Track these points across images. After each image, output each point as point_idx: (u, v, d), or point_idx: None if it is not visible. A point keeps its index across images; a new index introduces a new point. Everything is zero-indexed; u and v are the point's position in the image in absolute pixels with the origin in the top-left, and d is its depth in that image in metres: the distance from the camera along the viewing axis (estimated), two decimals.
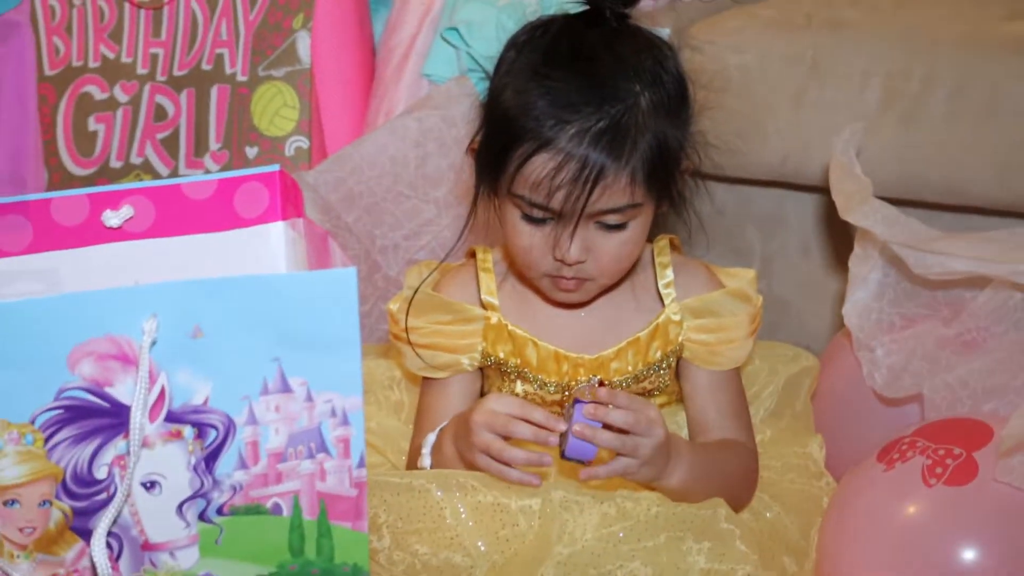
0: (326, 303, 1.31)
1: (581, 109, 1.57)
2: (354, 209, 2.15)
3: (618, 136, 1.57)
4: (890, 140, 2.09)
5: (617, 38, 1.62)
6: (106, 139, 2.44)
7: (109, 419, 1.32)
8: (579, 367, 1.72)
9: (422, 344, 1.74)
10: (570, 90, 1.58)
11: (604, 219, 1.60)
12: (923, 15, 2.24)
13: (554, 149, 1.57)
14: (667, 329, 1.72)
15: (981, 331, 1.78)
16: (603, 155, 1.56)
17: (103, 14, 2.44)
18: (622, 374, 1.72)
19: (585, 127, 1.56)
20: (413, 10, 2.37)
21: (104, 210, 1.48)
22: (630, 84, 1.59)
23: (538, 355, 1.72)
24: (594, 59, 1.60)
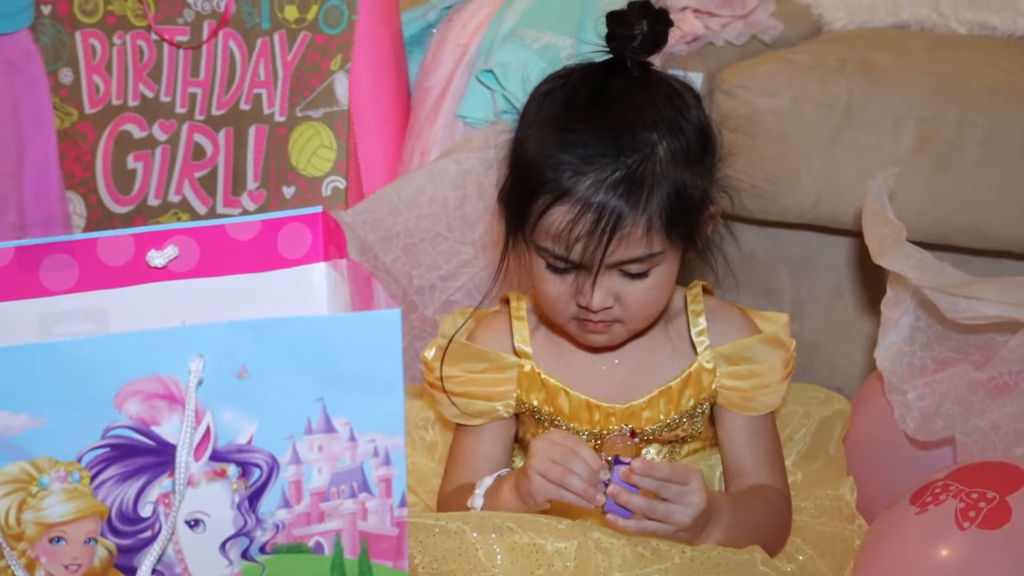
0: (370, 344, 1.32)
1: (597, 160, 1.57)
2: (392, 249, 2.16)
3: (634, 186, 1.57)
4: (923, 185, 2.10)
5: (638, 87, 1.63)
6: (144, 177, 2.45)
7: (155, 458, 1.33)
8: (611, 416, 1.73)
9: (457, 392, 1.75)
10: (587, 141, 1.58)
11: (626, 268, 1.61)
12: (956, 61, 2.25)
13: (571, 200, 1.57)
14: (700, 377, 1.73)
15: (1013, 375, 1.78)
16: (620, 204, 1.57)
17: (142, 54, 2.46)
18: (654, 423, 1.73)
19: (601, 178, 1.57)
20: (449, 52, 2.39)
21: (149, 250, 1.49)
22: (647, 133, 1.59)
23: (570, 404, 1.73)
24: (612, 108, 1.61)
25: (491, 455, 1.76)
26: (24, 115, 2.24)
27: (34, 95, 2.37)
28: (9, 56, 2.19)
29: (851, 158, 2.15)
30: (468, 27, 2.40)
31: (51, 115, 2.35)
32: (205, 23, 2.43)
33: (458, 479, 1.76)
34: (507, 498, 1.64)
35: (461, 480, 1.76)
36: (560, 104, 1.63)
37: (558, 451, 1.58)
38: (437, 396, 1.78)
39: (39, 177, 2.37)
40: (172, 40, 2.44)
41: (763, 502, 1.71)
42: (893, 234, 1.85)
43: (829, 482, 1.84)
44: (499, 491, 1.66)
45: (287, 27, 2.37)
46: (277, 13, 2.38)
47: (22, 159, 2.27)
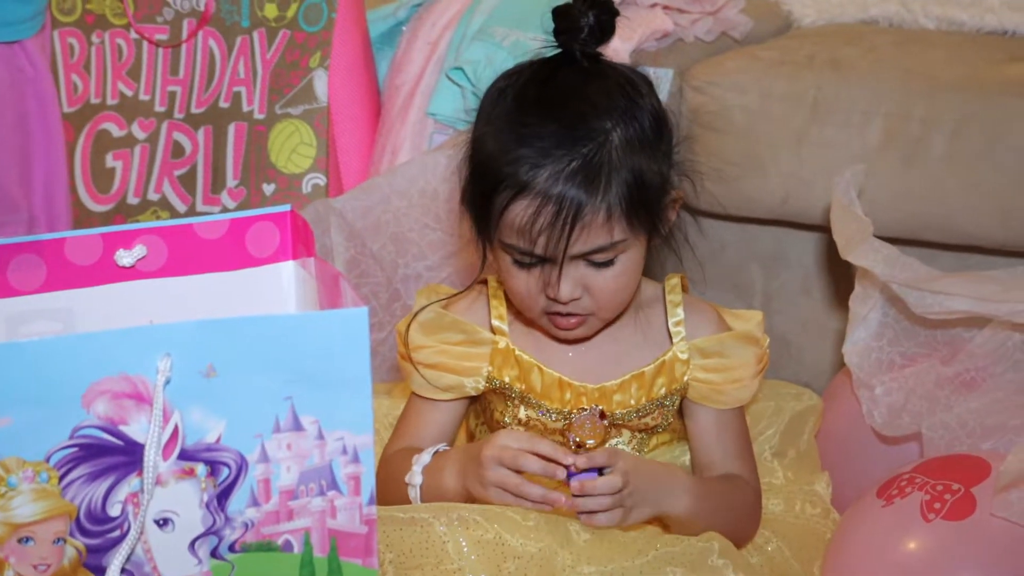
0: (338, 343, 1.32)
1: (553, 152, 1.58)
2: (380, 237, 2.16)
3: (591, 174, 1.58)
4: (890, 180, 2.11)
5: (589, 78, 1.63)
6: (124, 176, 2.45)
7: (123, 457, 1.33)
8: (582, 395, 1.73)
9: (428, 364, 1.75)
10: (543, 134, 1.59)
11: (591, 257, 1.62)
12: (923, 57, 2.26)
13: (531, 194, 1.58)
14: (673, 367, 1.73)
15: (980, 371, 1.79)
16: (578, 193, 1.57)
17: (121, 52, 2.47)
18: (624, 407, 1.73)
19: (558, 169, 1.58)
20: (419, 49, 2.39)
21: (117, 249, 1.49)
22: (601, 122, 1.60)
23: (543, 381, 1.73)
24: (564, 101, 1.62)
25: (443, 426, 1.77)
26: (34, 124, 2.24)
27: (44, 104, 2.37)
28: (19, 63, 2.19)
29: (819, 154, 2.16)
30: (438, 25, 2.40)
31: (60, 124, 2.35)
32: (185, 21, 2.43)
33: (404, 442, 1.76)
34: (449, 484, 1.65)
35: (407, 443, 1.76)
36: (513, 100, 1.64)
37: (509, 456, 1.59)
38: (406, 368, 1.78)
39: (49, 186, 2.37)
40: (151, 38, 2.44)
41: (729, 484, 1.72)
42: (861, 230, 1.86)
43: (803, 477, 1.85)
44: (441, 472, 1.67)
45: (267, 25, 2.38)
46: (257, 11, 2.39)
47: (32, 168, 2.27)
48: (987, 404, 1.77)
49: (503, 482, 1.59)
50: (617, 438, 1.76)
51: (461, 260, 2.19)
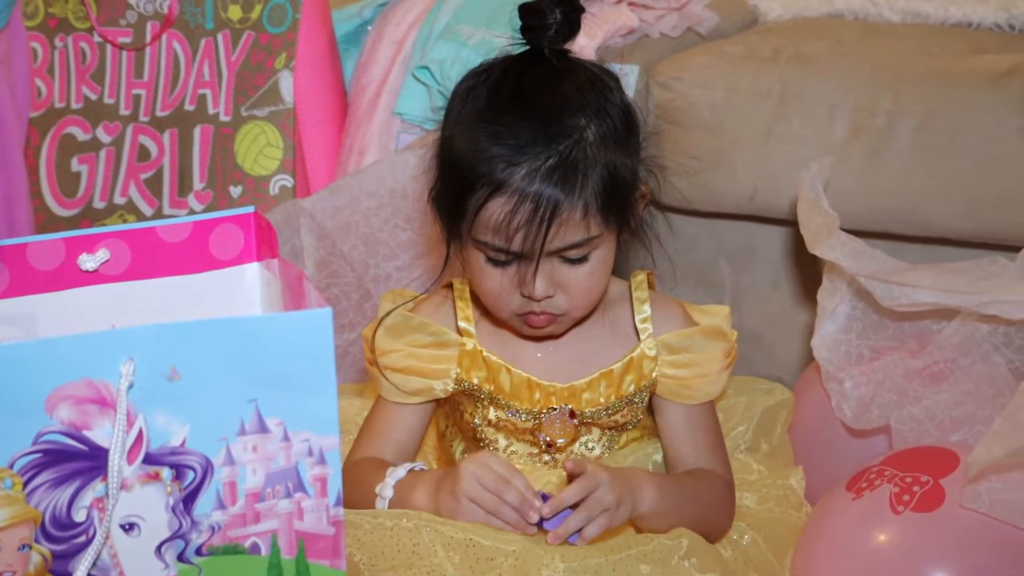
0: (302, 344, 1.32)
1: (529, 149, 1.58)
2: (350, 238, 2.16)
3: (568, 171, 1.58)
4: (857, 173, 2.12)
5: (559, 75, 1.63)
6: (89, 180, 2.45)
7: (87, 462, 1.33)
8: (551, 395, 1.72)
9: (396, 368, 1.75)
10: (517, 131, 1.59)
11: (566, 254, 1.61)
12: (889, 49, 2.27)
13: (507, 192, 1.58)
14: (641, 364, 1.73)
15: (948, 363, 1.80)
16: (556, 191, 1.57)
17: (85, 56, 2.46)
18: (594, 405, 1.73)
19: (535, 166, 1.57)
20: (384, 49, 2.39)
21: (80, 254, 1.49)
22: (575, 119, 1.60)
23: (511, 382, 1.73)
24: (537, 98, 1.61)
25: (411, 429, 1.77)
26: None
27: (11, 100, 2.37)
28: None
29: (786, 148, 2.17)
30: (403, 24, 2.40)
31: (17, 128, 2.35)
32: (148, 24, 2.42)
33: (370, 450, 1.76)
34: (421, 502, 1.64)
35: (373, 451, 1.75)
36: (484, 99, 1.63)
37: (490, 477, 1.58)
38: (373, 373, 1.77)
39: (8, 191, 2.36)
40: (115, 42, 2.44)
41: (697, 479, 1.72)
42: (827, 223, 1.86)
43: (776, 472, 1.85)
44: (413, 490, 1.66)
45: (231, 27, 2.37)
46: (221, 13, 2.38)
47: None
48: (956, 396, 1.77)
49: (479, 498, 1.58)
50: (587, 435, 1.76)
51: (432, 260, 2.19)
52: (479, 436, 1.77)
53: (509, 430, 1.75)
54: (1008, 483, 1.55)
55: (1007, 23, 2.44)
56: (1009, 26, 2.45)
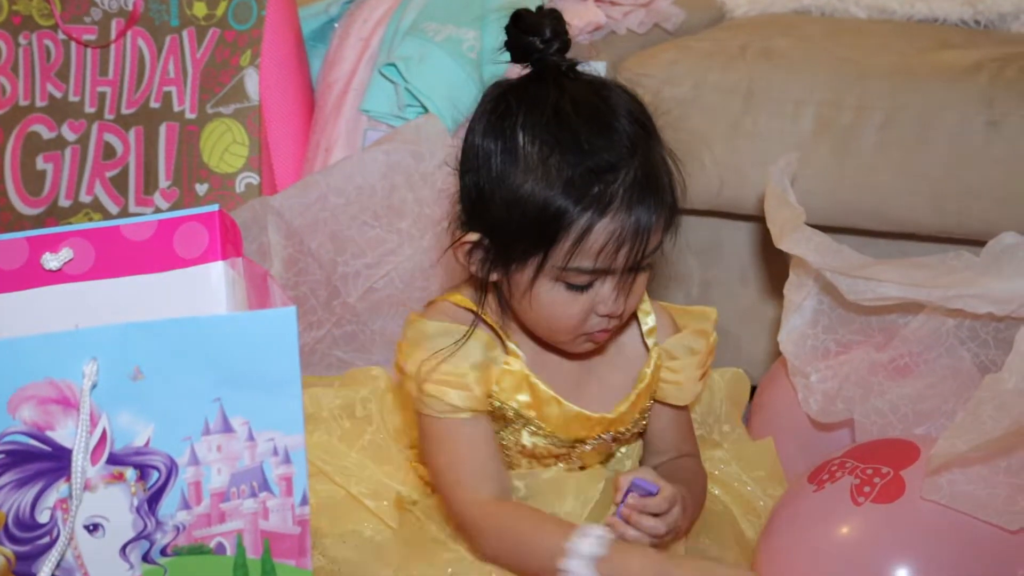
0: (266, 343, 1.32)
1: (614, 164, 1.54)
2: (318, 235, 2.16)
3: (652, 180, 1.56)
4: (823, 169, 2.12)
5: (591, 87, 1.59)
6: (55, 178, 2.43)
7: (51, 463, 1.33)
8: (597, 425, 1.69)
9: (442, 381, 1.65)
10: (592, 150, 1.53)
11: (644, 263, 1.60)
12: (855, 46, 2.27)
13: (612, 212, 1.53)
14: (656, 372, 1.73)
15: (913, 356, 1.80)
16: (650, 202, 1.54)
17: (49, 53, 2.44)
18: (629, 423, 1.73)
19: (627, 181, 1.54)
20: (351, 46, 2.39)
21: (43, 253, 1.48)
22: (632, 126, 1.56)
23: (563, 415, 1.68)
24: (590, 113, 1.56)
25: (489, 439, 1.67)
26: None
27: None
28: None
29: (753, 144, 2.17)
30: (370, 21, 2.39)
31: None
32: (113, 21, 2.41)
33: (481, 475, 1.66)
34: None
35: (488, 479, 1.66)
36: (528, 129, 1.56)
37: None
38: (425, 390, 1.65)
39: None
40: (80, 39, 2.43)
41: (695, 476, 1.74)
42: (793, 218, 1.86)
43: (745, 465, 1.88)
44: (626, 565, 1.56)
45: (196, 24, 2.36)
46: (186, 10, 2.37)
47: None
48: (920, 390, 1.78)
49: None
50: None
51: (399, 257, 2.19)
52: (505, 453, 1.71)
53: (542, 454, 1.71)
54: (969, 475, 1.56)
55: (972, 18, 2.45)
56: (975, 21, 2.46)
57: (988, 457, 1.56)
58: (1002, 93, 2.07)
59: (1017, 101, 2.06)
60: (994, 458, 1.56)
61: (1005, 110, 2.05)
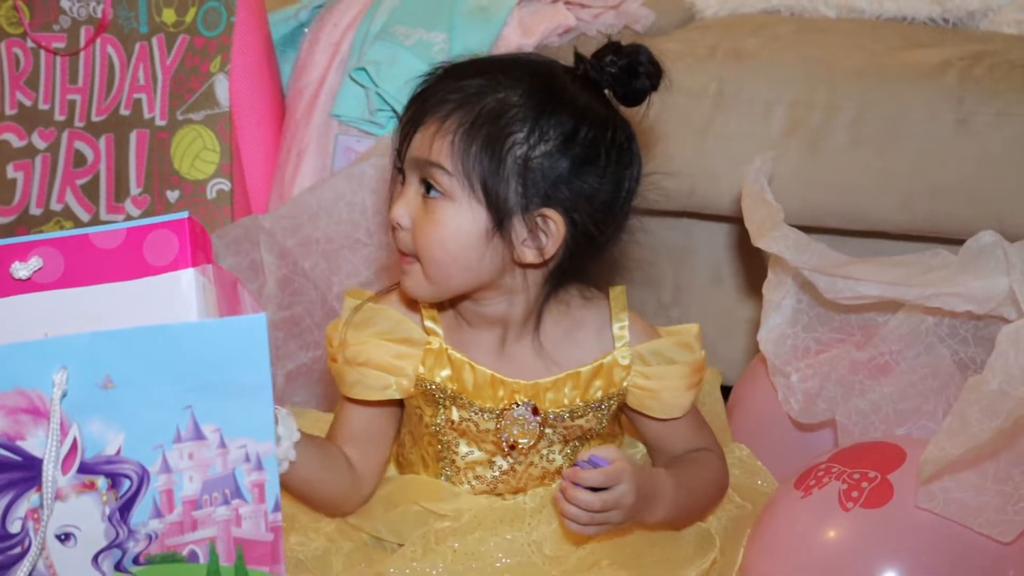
0: (237, 350, 1.32)
1: (463, 80, 1.64)
2: (311, 255, 2.15)
3: (471, 99, 1.62)
4: (794, 168, 2.12)
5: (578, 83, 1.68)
6: (25, 186, 2.43)
7: (21, 472, 1.33)
8: (515, 392, 1.71)
9: (359, 362, 1.72)
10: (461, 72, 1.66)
11: (424, 172, 1.62)
12: (824, 45, 2.28)
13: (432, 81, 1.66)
14: (612, 371, 1.72)
15: (893, 355, 1.80)
16: (425, 108, 1.62)
17: (19, 62, 2.44)
18: (558, 406, 1.71)
19: (430, 90, 1.64)
20: (322, 51, 2.38)
21: (12, 262, 1.48)
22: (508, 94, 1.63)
23: (475, 379, 1.71)
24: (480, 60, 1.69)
25: (377, 430, 1.76)
26: None
27: None
28: None
29: (724, 144, 2.17)
30: (340, 26, 2.39)
31: None
32: (82, 29, 2.40)
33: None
34: None
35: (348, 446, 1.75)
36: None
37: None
38: (336, 370, 1.75)
39: None
40: (49, 47, 2.42)
41: (700, 467, 1.73)
42: (771, 216, 1.86)
43: None
44: None
45: (165, 31, 2.36)
46: (155, 17, 2.37)
47: None
48: (901, 388, 1.78)
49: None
50: (548, 447, 1.75)
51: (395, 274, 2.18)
52: (441, 439, 1.74)
53: (471, 434, 1.72)
54: (960, 483, 1.56)
55: (941, 17, 2.47)
56: (943, 19, 2.47)
57: (977, 461, 1.57)
58: (971, 91, 2.08)
59: (986, 99, 2.07)
60: (982, 462, 1.57)
61: (974, 108, 2.06)
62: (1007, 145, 2.05)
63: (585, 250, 1.67)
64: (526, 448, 1.72)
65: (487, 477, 1.74)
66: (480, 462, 1.74)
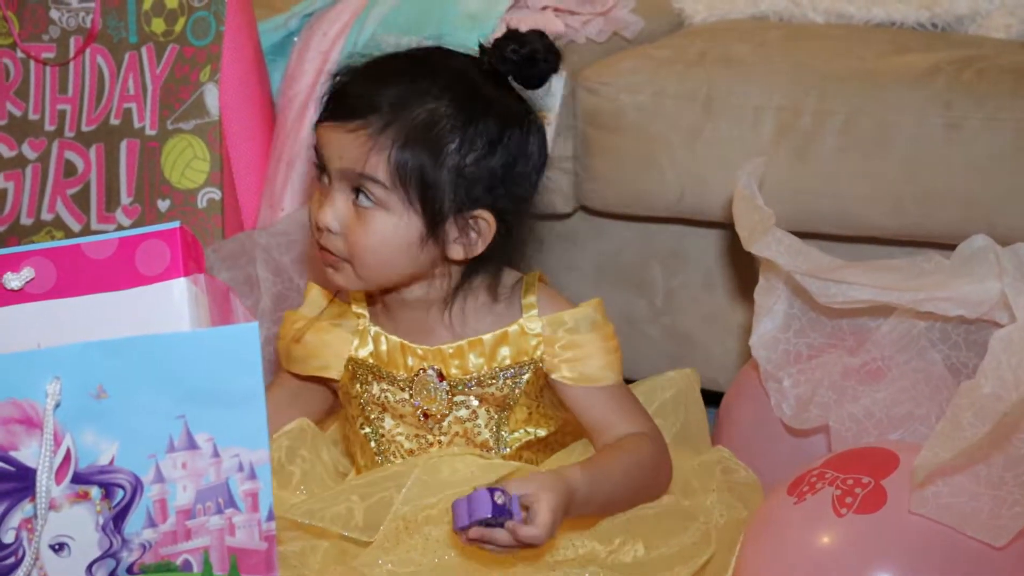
0: (229, 359, 1.33)
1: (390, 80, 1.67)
2: (306, 271, 2.16)
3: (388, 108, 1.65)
4: (784, 174, 2.13)
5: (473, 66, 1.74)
6: (16, 197, 2.43)
7: (15, 483, 1.33)
8: (421, 359, 1.75)
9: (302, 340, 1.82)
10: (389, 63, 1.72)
11: (357, 183, 1.65)
12: (813, 50, 2.28)
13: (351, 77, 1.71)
14: (520, 339, 1.75)
15: (886, 360, 1.80)
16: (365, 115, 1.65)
17: (8, 72, 2.44)
18: (464, 372, 1.75)
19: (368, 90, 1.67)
20: (311, 60, 2.38)
21: (4, 272, 1.48)
22: (440, 98, 1.66)
23: (388, 348, 1.77)
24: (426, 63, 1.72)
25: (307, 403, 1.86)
26: None
27: None
28: None
29: (714, 150, 2.17)
30: (329, 34, 2.39)
31: None
32: (72, 39, 2.40)
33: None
34: None
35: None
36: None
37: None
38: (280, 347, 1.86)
39: None
40: (38, 57, 2.42)
41: (625, 454, 1.72)
42: (763, 221, 1.85)
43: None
44: None
45: (155, 40, 2.36)
46: (144, 27, 2.36)
47: None
48: (893, 394, 1.77)
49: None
50: (466, 410, 1.77)
51: None
52: (367, 416, 1.79)
53: (391, 406, 1.77)
54: (953, 487, 1.56)
55: (930, 22, 2.46)
56: (932, 24, 2.47)
57: (970, 465, 1.56)
58: (960, 96, 2.08)
59: (975, 103, 2.07)
60: (974, 466, 1.56)
61: (963, 113, 2.07)
62: (997, 149, 2.05)
63: (505, 240, 1.71)
64: (439, 415, 1.75)
65: (416, 451, 1.77)
66: (406, 436, 1.78)
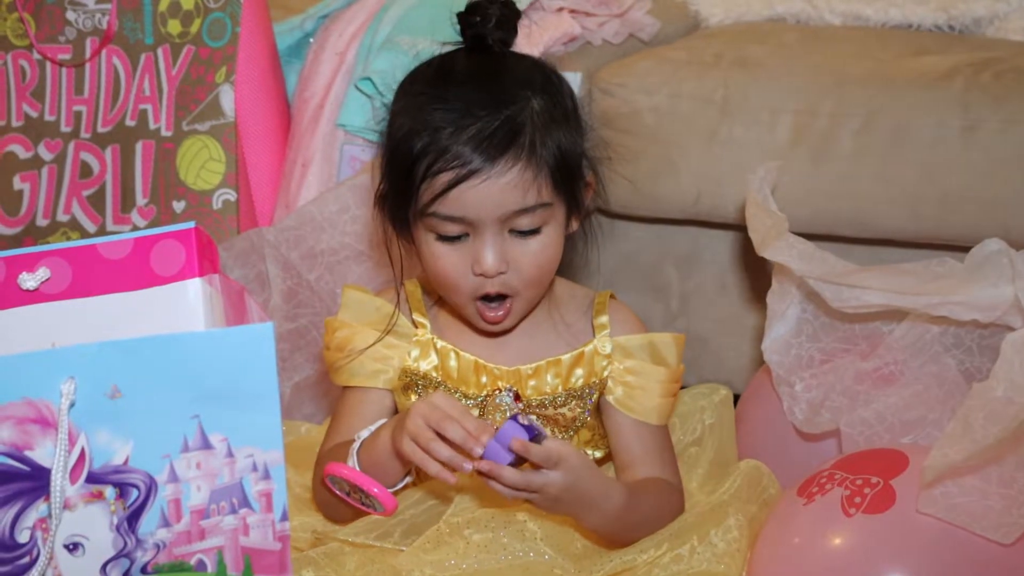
0: (244, 359, 1.33)
1: (476, 113, 1.60)
2: (316, 267, 2.15)
3: (516, 133, 1.60)
4: (801, 176, 2.12)
5: (505, 58, 1.68)
6: (32, 197, 2.43)
7: (30, 483, 1.33)
8: (497, 379, 1.73)
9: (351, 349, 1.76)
10: (465, 100, 1.61)
11: (516, 223, 1.62)
12: (830, 52, 2.28)
13: (451, 158, 1.60)
14: (593, 360, 1.74)
15: (899, 364, 1.79)
16: (493, 153, 1.59)
17: (25, 73, 2.44)
18: (540, 393, 1.73)
19: (483, 128, 1.59)
20: (327, 61, 2.39)
21: (20, 273, 1.48)
22: (521, 90, 1.63)
23: (459, 365, 1.74)
24: (484, 74, 1.65)
25: (379, 414, 1.77)
26: None
27: None
28: None
29: (730, 152, 2.17)
30: (345, 35, 2.39)
31: None
32: (88, 40, 2.41)
33: (339, 437, 1.76)
34: (381, 447, 1.64)
35: (341, 439, 1.75)
36: (429, 82, 1.66)
37: (435, 415, 1.56)
38: (331, 360, 1.79)
39: None
40: (55, 59, 2.42)
41: (657, 496, 1.71)
42: (776, 226, 1.86)
43: None
44: (377, 436, 1.66)
45: (171, 41, 2.36)
46: (160, 28, 2.37)
47: None
48: (906, 398, 1.77)
49: (418, 435, 1.57)
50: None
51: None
52: None
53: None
54: (962, 487, 1.56)
55: (947, 24, 2.46)
56: (949, 27, 2.46)
57: (980, 466, 1.56)
58: (977, 98, 2.08)
59: (992, 106, 2.07)
60: (986, 467, 1.56)
61: (981, 115, 2.06)
62: (1014, 152, 2.05)
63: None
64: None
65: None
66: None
